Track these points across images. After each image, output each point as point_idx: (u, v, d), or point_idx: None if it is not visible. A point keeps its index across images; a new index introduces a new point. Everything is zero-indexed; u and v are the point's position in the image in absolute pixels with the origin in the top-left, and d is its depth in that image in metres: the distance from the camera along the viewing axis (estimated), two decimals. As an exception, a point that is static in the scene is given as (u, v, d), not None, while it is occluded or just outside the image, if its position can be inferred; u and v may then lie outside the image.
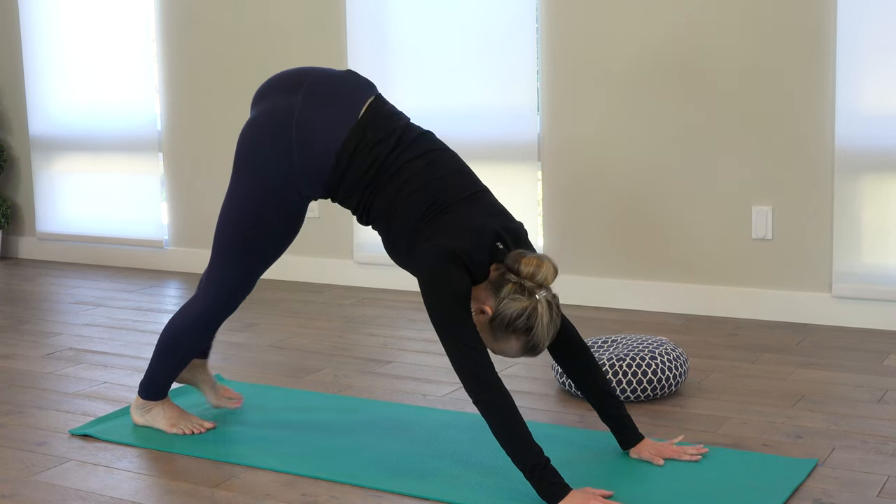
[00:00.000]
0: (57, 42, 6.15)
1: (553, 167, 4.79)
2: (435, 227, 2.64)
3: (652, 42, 4.52)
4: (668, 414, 3.22)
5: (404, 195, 2.69)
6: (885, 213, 4.16)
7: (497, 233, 2.64)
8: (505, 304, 2.56)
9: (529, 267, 2.56)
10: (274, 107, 2.82)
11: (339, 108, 2.78)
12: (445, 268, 2.56)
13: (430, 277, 2.57)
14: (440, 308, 2.55)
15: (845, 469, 2.75)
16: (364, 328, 4.44)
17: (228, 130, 5.65)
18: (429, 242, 2.62)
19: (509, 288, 2.57)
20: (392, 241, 2.74)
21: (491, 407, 2.51)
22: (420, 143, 2.77)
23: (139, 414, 3.16)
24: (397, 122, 2.79)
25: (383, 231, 2.75)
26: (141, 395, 3.14)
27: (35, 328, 4.54)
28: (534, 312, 2.56)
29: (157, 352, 3.08)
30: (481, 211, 2.67)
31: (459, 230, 2.61)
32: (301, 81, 2.82)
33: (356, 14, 5.17)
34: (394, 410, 3.29)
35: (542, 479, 2.47)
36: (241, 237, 2.88)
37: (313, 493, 2.66)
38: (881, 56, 4.08)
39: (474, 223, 2.63)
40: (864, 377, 3.56)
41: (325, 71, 2.85)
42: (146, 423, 3.15)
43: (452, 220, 2.63)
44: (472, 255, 2.59)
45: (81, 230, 6.22)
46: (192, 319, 3.01)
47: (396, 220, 2.70)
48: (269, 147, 2.80)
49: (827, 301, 4.30)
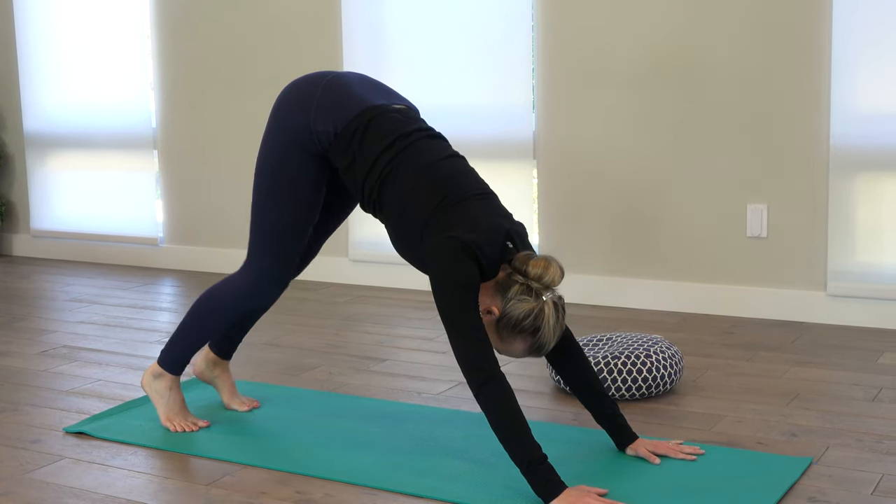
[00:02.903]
0: (52, 39, 6.14)
1: (548, 165, 4.79)
2: (449, 218, 2.65)
3: (648, 41, 4.52)
4: (663, 412, 3.22)
5: (420, 183, 2.70)
6: (880, 212, 4.16)
7: (508, 232, 2.66)
8: (512, 304, 2.58)
9: (537, 269, 2.58)
10: (315, 73, 2.93)
11: (378, 91, 2.89)
12: (459, 258, 2.57)
13: (443, 267, 2.57)
14: (450, 296, 2.55)
15: (840, 467, 2.75)
16: (359, 326, 4.44)
17: (224, 128, 5.64)
18: (443, 232, 2.63)
19: (517, 289, 2.59)
20: (401, 231, 2.73)
21: (492, 399, 2.51)
22: (439, 141, 2.83)
23: (148, 381, 3.15)
24: (423, 122, 2.88)
25: (393, 217, 2.74)
26: (157, 360, 3.15)
27: (29, 325, 4.53)
28: (541, 314, 2.57)
29: (184, 319, 3.09)
30: (493, 210, 2.70)
31: (474, 224, 2.63)
32: (351, 71, 2.93)
33: (352, 11, 5.16)
34: (389, 408, 3.29)
35: (538, 476, 2.48)
36: (268, 196, 2.89)
37: (307, 491, 2.66)
38: (876, 55, 4.09)
39: (489, 220, 2.65)
40: (858, 375, 3.56)
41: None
42: (149, 394, 3.14)
43: (467, 214, 2.65)
44: (484, 250, 2.60)
45: (76, 227, 6.21)
46: (227, 294, 3.00)
47: (409, 207, 2.70)
48: (298, 92, 2.86)
49: (822, 299, 4.31)
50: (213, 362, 3.29)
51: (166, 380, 3.14)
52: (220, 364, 3.30)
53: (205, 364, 3.30)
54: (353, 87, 2.85)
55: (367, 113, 2.79)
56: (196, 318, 3.06)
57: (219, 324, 3.05)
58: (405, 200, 2.71)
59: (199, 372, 3.31)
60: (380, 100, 2.85)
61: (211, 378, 3.31)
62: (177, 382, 3.15)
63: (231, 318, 3.03)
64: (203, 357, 3.30)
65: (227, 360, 3.30)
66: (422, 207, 2.68)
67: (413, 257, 2.76)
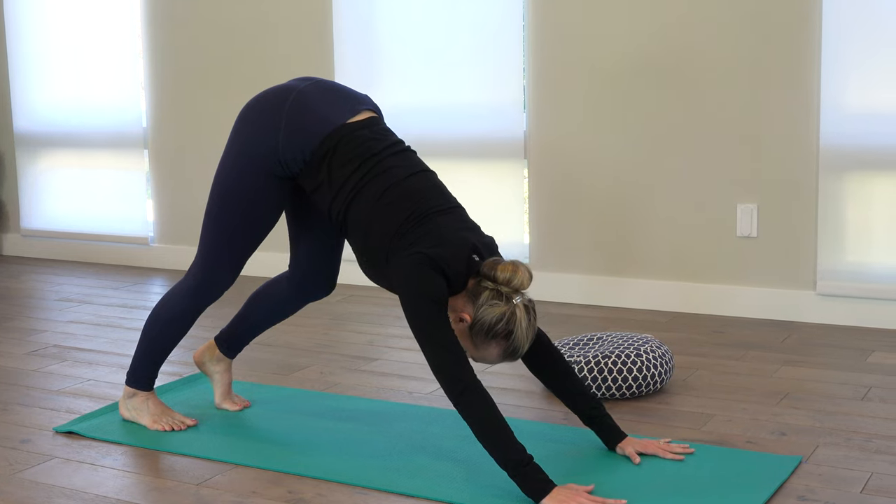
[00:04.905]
0: (42, 38, 6.13)
1: (539, 165, 4.80)
2: (415, 235, 2.67)
3: (638, 41, 4.53)
4: (653, 411, 3.23)
5: (384, 202, 2.72)
6: (870, 211, 4.17)
7: (474, 245, 2.68)
8: (484, 310, 2.60)
9: (505, 273, 2.61)
10: (276, 87, 2.91)
11: (341, 103, 2.87)
12: (425, 272, 2.59)
13: (410, 282, 2.59)
14: (419, 311, 2.57)
15: (829, 466, 2.76)
16: (350, 325, 4.44)
17: (214, 127, 5.64)
18: (408, 249, 2.65)
19: (487, 294, 2.61)
20: (369, 251, 2.74)
21: (471, 407, 2.52)
22: (407, 156, 2.83)
23: (125, 405, 3.17)
24: (390, 136, 2.87)
25: (360, 239, 2.76)
26: (126, 382, 3.15)
27: (19, 325, 4.52)
28: (513, 317, 2.60)
29: (141, 334, 3.11)
30: (458, 224, 2.72)
31: (439, 239, 2.65)
32: (309, 78, 2.93)
33: (342, 11, 5.16)
34: (380, 407, 3.29)
35: (525, 477, 2.48)
36: (223, 211, 2.91)
37: (299, 491, 2.66)
38: (865, 54, 4.10)
39: (453, 234, 2.67)
40: (847, 374, 3.57)
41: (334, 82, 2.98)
42: (131, 416, 3.15)
43: (431, 230, 2.67)
44: (450, 263, 2.62)
45: (66, 227, 6.20)
46: (175, 300, 3.04)
47: (375, 228, 2.71)
48: (261, 114, 2.85)
49: (811, 298, 4.32)
50: (218, 358, 3.30)
51: (140, 396, 3.15)
52: (224, 361, 3.30)
53: (208, 357, 3.29)
54: (317, 104, 2.83)
55: (334, 136, 2.79)
56: (154, 330, 3.08)
57: (179, 329, 3.07)
58: (371, 220, 2.72)
59: (200, 362, 3.31)
60: (345, 114, 2.83)
61: (210, 372, 3.31)
62: (152, 394, 3.16)
63: (189, 320, 3.06)
64: (207, 349, 3.30)
65: (230, 358, 3.30)
66: (387, 226, 2.70)
67: (380, 278, 2.77)
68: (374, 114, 2.91)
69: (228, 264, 2.97)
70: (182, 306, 3.03)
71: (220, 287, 3.01)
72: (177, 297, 3.04)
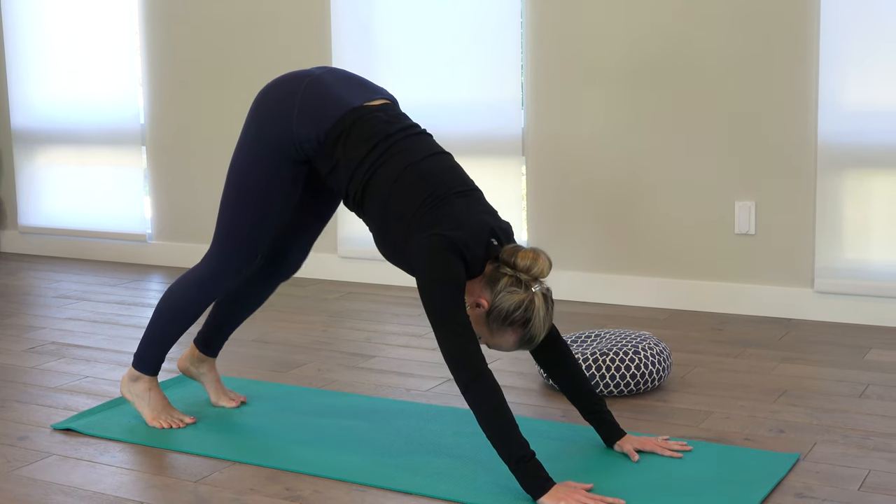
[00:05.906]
0: (39, 35, 6.12)
1: (537, 162, 4.80)
2: (434, 217, 2.65)
3: (636, 38, 4.53)
4: (652, 408, 3.23)
5: (403, 183, 2.70)
6: (868, 209, 4.18)
7: (493, 229, 2.66)
8: (502, 296, 2.58)
9: (526, 260, 2.59)
10: (292, 73, 2.91)
11: (356, 89, 2.87)
12: (444, 255, 2.57)
13: (429, 263, 2.57)
14: (436, 293, 2.55)
15: (827, 463, 2.76)
16: (348, 322, 4.44)
17: (211, 124, 5.63)
18: (427, 231, 2.63)
19: (505, 281, 2.59)
20: (386, 232, 2.73)
21: (480, 397, 2.51)
22: (423, 139, 2.82)
23: (127, 387, 3.15)
24: (405, 119, 2.86)
25: (378, 218, 2.74)
26: (132, 364, 3.14)
27: (17, 322, 4.52)
28: (531, 305, 2.58)
29: (152, 318, 3.09)
30: (477, 206, 2.70)
31: (458, 222, 2.62)
32: (324, 66, 2.93)
33: (340, 7, 5.16)
34: (378, 405, 3.29)
35: (526, 472, 2.48)
36: (240, 196, 2.89)
37: (297, 488, 2.66)
38: (864, 52, 4.10)
39: (472, 217, 2.65)
40: (845, 372, 3.58)
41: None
42: (131, 399, 3.14)
43: (451, 212, 2.65)
44: (469, 246, 2.60)
45: (64, 224, 6.20)
46: (187, 285, 3.02)
47: (393, 209, 2.70)
48: (275, 99, 2.85)
49: (809, 296, 4.32)
50: (199, 359, 3.29)
51: (144, 382, 3.13)
52: (207, 361, 3.30)
53: (190, 361, 3.29)
54: (331, 88, 2.83)
55: (349, 116, 2.78)
56: (165, 315, 3.06)
57: (188, 317, 3.05)
58: (388, 201, 2.71)
59: (184, 368, 3.31)
60: (360, 99, 2.83)
61: (197, 375, 3.30)
62: (155, 383, 3.15)
63: (199, 309, 3.04)
64: (189, 353, 3.30)
65: (212, 357, 3.29)
66: (405, 207, 2.68)
67: (398, 258, 2.75)
68: (388, 101, 2.90)
69: (243, 252, 2.94)
70: (194, 296, 3.01)
71: (232, 275, 2.98)
72: (188, 284, 3.02)
